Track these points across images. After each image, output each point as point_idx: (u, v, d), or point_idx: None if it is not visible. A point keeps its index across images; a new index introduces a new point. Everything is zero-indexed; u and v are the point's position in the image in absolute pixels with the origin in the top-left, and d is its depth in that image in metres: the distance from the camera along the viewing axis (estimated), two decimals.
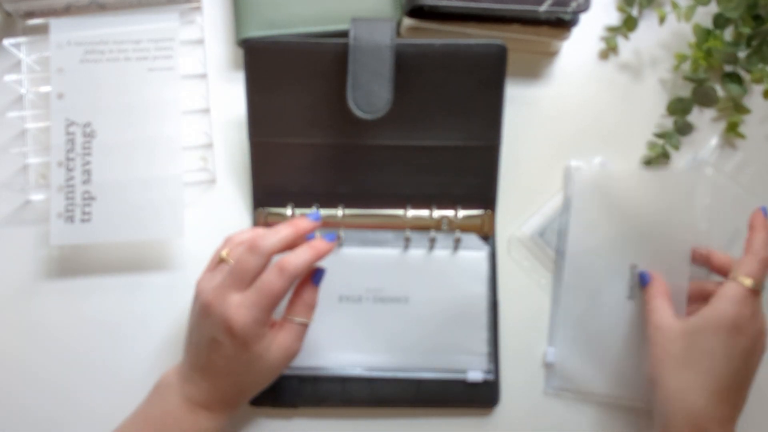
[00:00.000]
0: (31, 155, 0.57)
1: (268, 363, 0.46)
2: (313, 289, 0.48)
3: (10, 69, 0.58)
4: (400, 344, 0.53)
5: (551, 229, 0.57)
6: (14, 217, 0.56)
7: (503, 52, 0.52)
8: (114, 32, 0.55)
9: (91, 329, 0.55)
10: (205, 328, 0.45)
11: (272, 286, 0.44)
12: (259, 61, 0.52)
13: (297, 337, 0.47)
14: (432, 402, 0.53)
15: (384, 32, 0.50)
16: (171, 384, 0.47)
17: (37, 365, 0.54)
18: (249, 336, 0.44)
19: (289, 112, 0.53)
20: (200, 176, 0.57)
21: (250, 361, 0.45)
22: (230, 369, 0.46)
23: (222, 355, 0.45)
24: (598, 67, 0.60)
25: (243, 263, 0.45)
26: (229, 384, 0.47)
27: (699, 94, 0.58)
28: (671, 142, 0.58)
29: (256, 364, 0.46)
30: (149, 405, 0.47)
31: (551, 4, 0.53)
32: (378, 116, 0.51)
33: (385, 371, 0.53)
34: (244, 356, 0.45)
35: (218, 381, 0.46)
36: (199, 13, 0.59)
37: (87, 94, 0.55)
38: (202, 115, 0.58)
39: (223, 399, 0.47)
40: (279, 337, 0.47)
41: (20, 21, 0.58)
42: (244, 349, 0.45)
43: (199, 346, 0.46)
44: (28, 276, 0.55)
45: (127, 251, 0.56)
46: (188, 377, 0.47)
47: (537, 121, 0.59)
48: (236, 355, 0.45)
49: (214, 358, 0.46)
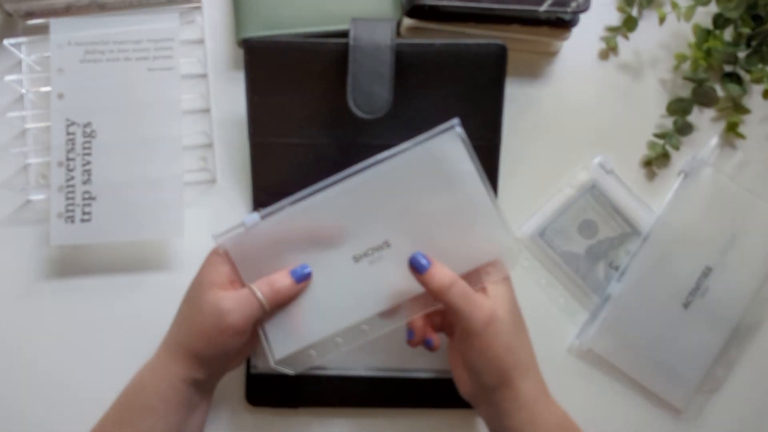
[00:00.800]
0: (32, 155, 0.57)
1: (200, 297, 0.45)
2: (285, 275, 0.45)
3: (11, 69, 0.58)
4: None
5: (551, 229, 0.57)
6: (14, 217, 0.56)
7: (503, 52, 0.52)
8: (114, 32, 0.55)
9: (91, 329, 0.55)
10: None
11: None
12: (259, 61, 0.52)
13: (237, 300, 0.44)
14: (432, 402, 0.53)
15: (384, 32, 0.50)
16: (144, 377, 0.47)
17: (37, 365, 0.54)
18: (211, 256, 0.46)
19: (289, 112, 0.53)
20: (200, 176, 0.57)
21: (196, 284, 0.46)
22: (188, 288, 0.47)
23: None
24: (598, 67, 0.60)
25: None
26: (177, 314, 0.47)
27: (699, 94, 0.58)
28: (671, 142, 0.58)
29: (193, 292, 0.46)
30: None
31: (551, 4, 0.53)
32: (378, 116, 0.51)
33: (385, 371, 0.53)
34: (198, 274, 0.46)
35: (175, 315, 0.47)
36: (199, 13, 0.59)
37: (87, 94, 0.55)
38: (202, 115, 0.58)
39: (178, 338, 0.46)
40: (226, 291, 0.45)
41: (20, 21, 0.58)
42: (201, 267, 0.46)
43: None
44: (28, 276, 0.55)
45: (127, 251, 0.56)
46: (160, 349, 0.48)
47: (537, 121, 0.59)
48: (197, 274, 0.46)
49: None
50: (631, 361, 0.55)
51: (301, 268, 0.46)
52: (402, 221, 0.46)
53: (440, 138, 0.46)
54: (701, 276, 0.56)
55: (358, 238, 0.46)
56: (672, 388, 0.55)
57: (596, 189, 0.57)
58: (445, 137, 0.46)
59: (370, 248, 0.46)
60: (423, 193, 0.46)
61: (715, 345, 0.55)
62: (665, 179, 0.59)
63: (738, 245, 0.56)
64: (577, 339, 0.56)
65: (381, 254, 0.46)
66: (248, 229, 0.46)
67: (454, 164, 0.46)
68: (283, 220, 0.46)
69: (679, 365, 0.55)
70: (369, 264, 0.46)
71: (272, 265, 0.46)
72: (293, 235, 0.46)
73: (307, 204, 0.46)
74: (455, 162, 0.46)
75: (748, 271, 0.56)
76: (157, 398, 0.45)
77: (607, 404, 0.56)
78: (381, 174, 0.46)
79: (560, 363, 0.56)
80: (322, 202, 0.46)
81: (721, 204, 0.57)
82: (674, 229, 0.56)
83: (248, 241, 0.46)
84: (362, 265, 0.46)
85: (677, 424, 0.55)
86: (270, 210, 0.46)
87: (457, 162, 0.46)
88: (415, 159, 0.46)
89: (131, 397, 0.46)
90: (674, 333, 0.55)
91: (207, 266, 0.46)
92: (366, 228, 0.46)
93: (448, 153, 0.46)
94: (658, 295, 0.56)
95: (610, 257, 0.57)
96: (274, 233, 0.46)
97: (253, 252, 0.46)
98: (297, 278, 0.46)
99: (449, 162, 0.46)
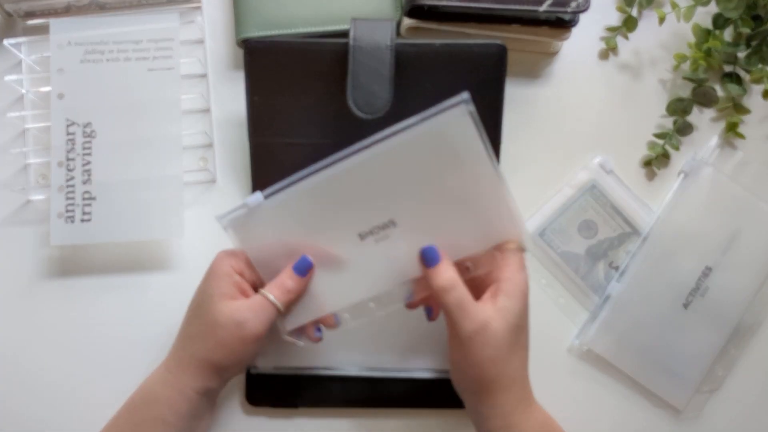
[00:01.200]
0: (31, 155, 0.57)
1: (214, 310, 0.45)
2: (290, 274, 0.46)
3: (11, 69, 0.58)
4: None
5: (551, 229, 0.57)
6: (14, 217, 0.56)
7: (503, 52, 0.52)
8: (114, 32, 0.55)
9: (91, 329, 0.55)
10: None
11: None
12: (259, 61, 0.52)
13: (253, 308, 0.45)
14: (431, 402, 0.53)
15: (384, 32, 0.50)
16: (152, 387, 0.47)
17: (37, 365, 0.54)
18: (218, 266, 0.46)
19: (289, 112, 0.53)
20: (200, 176, 0.57)
21: (206, 297, 0.46)
22: (191, 306, 0.47)
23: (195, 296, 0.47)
24: (598, 67, 0.60)
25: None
26: (185, 327, 0.47)
27: (699, 94, 0.58)
28: (671, 142, 0.58)
29: (205, 306, 0.46)
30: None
31: (551, 4, 0.53)
32: (378, 116, 0.51)
33: (385, 371, 0.53)
34: (206, 287, 0.46)
35: (182, 328, 0.47)
36: (199, 13, 0.59)
37: (87, 94, 0.55)
38: (202, 115, 0.58)
39: (192, 351, 0.46)
40: (239, 300, 0.46)
41: (20, 21, 0.58)
42: (204, 281, 0.47)
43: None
44: (28, 276, 0.55)
45: (127, 251, 0.56)
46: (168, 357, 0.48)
47: (537, 121, 0.59)
48: (199, 290, 0.47)
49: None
50: (631, 361, 0.55)
51: (301, 261, 0.46)
52: (408, 200, 0.45)
53: (448, 113, 0.43)
54: (701, 276, 0.56)
55: (364, 216, 0.45)
56: (672, 388, 0.55)
57: (596, 189, 0.57)
58: (454, 112, 0.43)
59: (375, 226, 0.45)
60: (429, 172, 0.44)
61: (715, 345, 0.55)
62: (665, 179, 0.59)
63: (738, 245, 0.56)
64: (577, 339, 0.56)
65: (387, 233, 0.45)
66: (251, 209, 0.46)
67: (463, 142, 0.43)
68: (287, 199, 0.46)
69: (679, 365, 0.55)
70: (374, 242, 0.46)
71: (277, 244, 0.46)
72: (297, 215, 0.46)
73: (310, 182, 0.45)
74: (464, 140, 0.43)
75: (748, 271, 0.56)
76: (170, 411, 0.45)
77: (607, 404, 0.55)
78: (386, 151, 0.44)
79: (560, 363, 0.56)
80: (326, 180, 0.45)
81: (721, 204, 0.57)
82: (674, 229, 0.56)
83: (252, 221, 0.46)
84: (367, 243, 0.46)
85: (677, 424, 0.55)
86: (273, 189, 0.45)
87: (465, 140, 0.43)
88: (422, 136, 0.43)
89: (141, 409, 0.46)
90: (674, 333, 0.55)
91: (214, 277, 0.46)
92: (371, 206, 0.45)
93: (456, 130, 0.43)
94: (658, 295, 0.56)
95: (610, 257, 0.57)
96: (277, 213, 0.46)
97: (258, 232, 0.46)
98: (301, 273, 0.46)
99: (457, 140, 0.43)
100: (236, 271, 0.46)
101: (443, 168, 0.44)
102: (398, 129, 0.44)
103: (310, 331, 0.48)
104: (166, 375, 0.46)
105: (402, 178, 0.45)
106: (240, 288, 0.46)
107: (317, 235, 0.46)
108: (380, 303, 0.47)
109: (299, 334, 0.48)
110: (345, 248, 0.46)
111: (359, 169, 0.45)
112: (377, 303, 0.47)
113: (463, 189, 0.44)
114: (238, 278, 0.46)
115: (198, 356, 0.45)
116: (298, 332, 0.48)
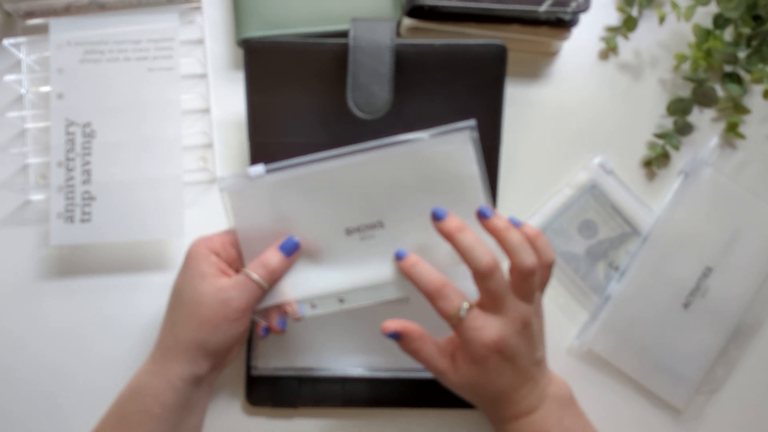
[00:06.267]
0: (31, 155, 0.57)
1: (198, 291, 0.45)
2: (275, 252, 0.47)
3: (10, 69, 0.58)
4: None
5: (551, 230, 0.57)
6: (14, 217, 0.56)
7: (503, 52, 0.52)
8: (114, 32, 0.55)
9: (91, 329, 0.55)
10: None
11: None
12: (259, 61, 0.52)
13: (237, 287, 0.45)
14: (432, 402, 0.53)
15: (384, 32, 0.50)
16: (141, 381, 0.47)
17: (37, 365, 0.54)
18: (194, 250, 0.47)
19: (289, 112, 0.53)
20: (200, 176, 0.57)
21: (187, 280, 0.46)
22: (173, 294, 0.47)
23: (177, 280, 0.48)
24: (598, 67, 0.60)
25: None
26: (169, 315, 0.47)
27: (699, 94, 0.58)
28: (671, 142, 0.58)
29: (188, 289, 0.46)
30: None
31: (551, 4, 0.53)
32: (378, 116, 0.51)
33: (385, 371, 0.53)
34: (185, 271, 0.47)
35: (166, 318, 0.47)
36: (199, 13, 0.59)
37: (87, 94, 0.55)
38: (202, 115, 0.58)
39: (175, 336, 0.46)
40: (221, 278, 0.46)
41: (20, 21, 0.58)
42: (184, 266, 0.47)
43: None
44: (28, 276, 0.55)
45: (127, 251, 0.56)
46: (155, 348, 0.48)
47: (537, 121, 0.59)
48: (179, 277, 0.47)
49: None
50: (631, 361, 0.55)
51: (288, 240, 0.47)
52: (400, 206, 0.47)
53: (454, 136, 0.47)
54: (701, 276, 0.56)
55: (356, 212, 0.48)
56: (672, 388, 0.55)
57: (596, 189, 0.57)
58: (459, 136, 0.47)
59: (364, 225, 0.48)
60: (425, 185, 0.47)
61: (715, 345, 0.55)
62: (665, 179, 0.59)
63: (738, 245, 0.56)
64: (577, 339, 0.56)
65: (373, 233, 0.48)
66: (252, 178, 0.47)
67: (461, 165, 0.47)
68: (287, 179, 0.47)
69: (679, 365, 0.55)
70: (359, 240, 0.48)
71: (266, 223, 0.47)
72: (293, 197, 0.47)
73: (312, 169, 0.47)
74: (462, 163, 0.47)
75: (748, 271, 0.56)
76: (155, 402, 0.45)
77: (607, 404, 0.55)
78: (390, 157, 0.47)
79: (560, 363, 0.56)
80: (329, 171, 0.47)
81: (721, 204, 0.57)
82: (674, 230, 0.56)
83: (249, 191, 0.47)
84: (353, 239, 0.48)
85: (677, 424, 0.55)
86: (276, 166, 0.47)
87: (464, 163, 0.47)
88: (425, 151, 0.47)
89: (128, 403, 0.46)
90: (674, 333, 0.55)
91: (193, 260, 0.47)
92: (365, 204, 0.47)
93: (457, 152, 0.47)
94: (658, 295, 0.56)
95: (610, 257, 0.57)
96: (275, 190, 0.47)
97: (251, 204, 0.47)
98: (287, 252, 0.47)
99: (457, 161, 0.47)
100: (212, 252, 0.47)
101: (438, 184, 0.47)
102: (406, 139, 0.47)
103: (273, 319, 0.48)
104: (152, 366, 0.46)
105: (400, 185, 0.47)
106: (219, 268, 0.47)
107: (306, 222, 0.48)
108: (348, 299, 0.48)
109: (265, 317, 0.48)
110: (329, 240, 0.48)
111: (362, 168, 0.47)
112: (345, 299, 0.48)
113: (453, 208, 0.46)
114: (215, 258, 0.47)
115: (183, 339, 0.45)
116: (263, 315, 0.48)
